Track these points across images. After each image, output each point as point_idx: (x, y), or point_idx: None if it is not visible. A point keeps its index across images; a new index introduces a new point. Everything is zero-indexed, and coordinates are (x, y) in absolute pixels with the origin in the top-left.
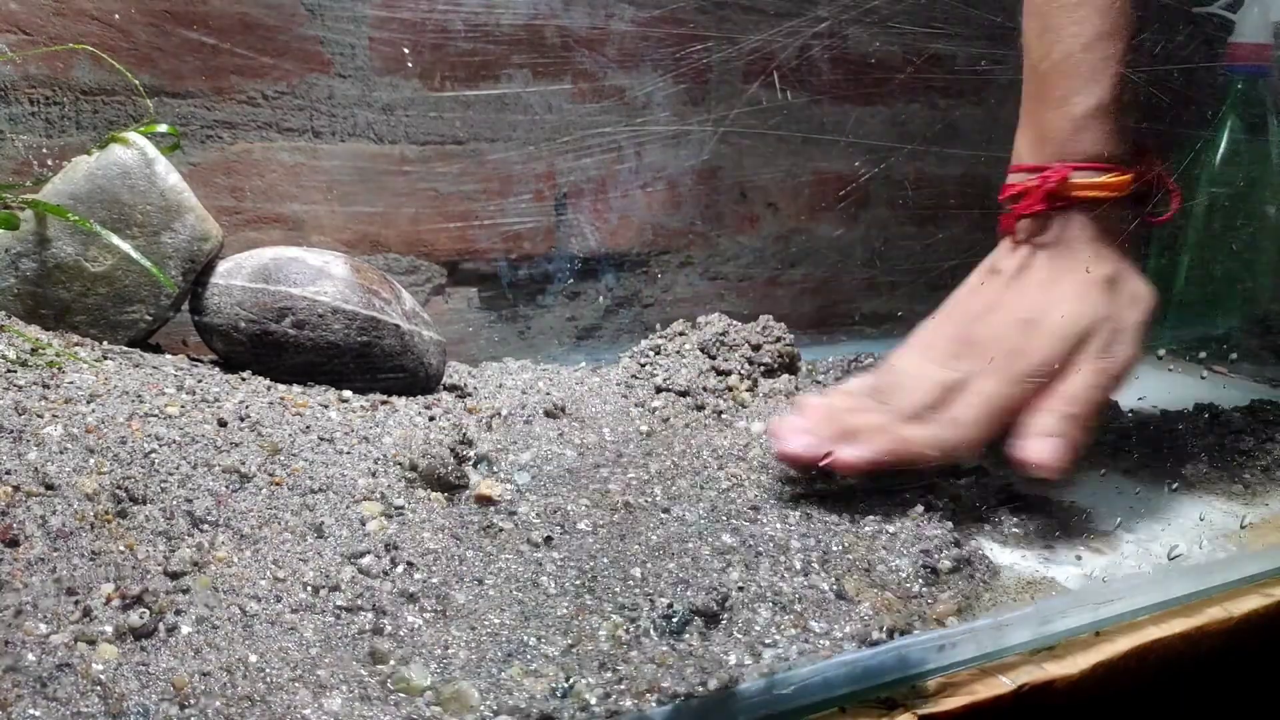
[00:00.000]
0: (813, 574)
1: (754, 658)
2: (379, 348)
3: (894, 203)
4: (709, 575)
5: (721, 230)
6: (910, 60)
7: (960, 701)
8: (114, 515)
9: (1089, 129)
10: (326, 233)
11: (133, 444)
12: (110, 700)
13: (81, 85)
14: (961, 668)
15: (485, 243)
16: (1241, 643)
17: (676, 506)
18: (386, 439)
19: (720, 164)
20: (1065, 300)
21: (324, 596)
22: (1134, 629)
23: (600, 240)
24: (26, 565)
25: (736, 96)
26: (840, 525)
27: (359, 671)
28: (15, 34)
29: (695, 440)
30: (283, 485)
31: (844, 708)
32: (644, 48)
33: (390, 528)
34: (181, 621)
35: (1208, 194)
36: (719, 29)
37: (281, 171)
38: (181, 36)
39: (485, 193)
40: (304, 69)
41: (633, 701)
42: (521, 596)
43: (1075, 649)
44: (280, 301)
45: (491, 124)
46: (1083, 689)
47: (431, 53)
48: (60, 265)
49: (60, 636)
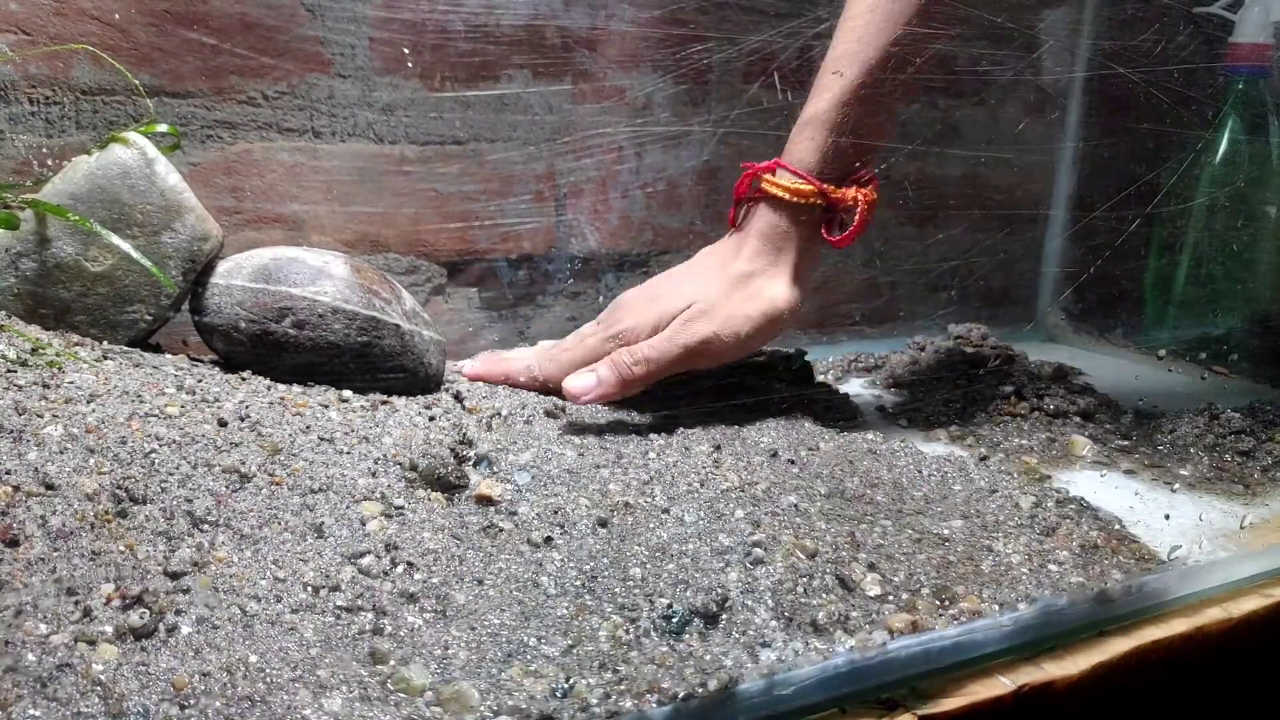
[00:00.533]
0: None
1: (753, 658)
2: (379, 348)
3: (894, 203)
4: (708, 575)
5: (721, 230)
6: (910, 60)
7: (960, 702)
8: (114, 515)
9: (799, 137)
10: (326, 233)
11: (133, 444)
12: (110, 700)
13: (81, 85)
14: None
15: (485, 243)
16: (1241, 643)
17: (676, 507)
18: (386, 439)
19: (720, 164)
20: (689, 281)
21: (324, 597)
22: (1134, 629)
23: (600, 240)
24: (26, 565)
25: (737, 97)
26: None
27: (359, 672)
28: (15, 34)
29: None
30: (283, 485)
31: (844, 708)
32: (644, 48)
33: (390, 528)
34: (181, 622)
35: (1208, 194)
36: (719, 29)
37: (281, 171)
38: (181, 36)
39: (485, 193)
40: (304, 69)
41: (633, 702)
42: (521, 597)
43: (1075, 649)
44: (280, 301)
45: (492, 124)
46: (1083, 689)
47: (432, 53)
48: (60, 265)
49: (60, 637)
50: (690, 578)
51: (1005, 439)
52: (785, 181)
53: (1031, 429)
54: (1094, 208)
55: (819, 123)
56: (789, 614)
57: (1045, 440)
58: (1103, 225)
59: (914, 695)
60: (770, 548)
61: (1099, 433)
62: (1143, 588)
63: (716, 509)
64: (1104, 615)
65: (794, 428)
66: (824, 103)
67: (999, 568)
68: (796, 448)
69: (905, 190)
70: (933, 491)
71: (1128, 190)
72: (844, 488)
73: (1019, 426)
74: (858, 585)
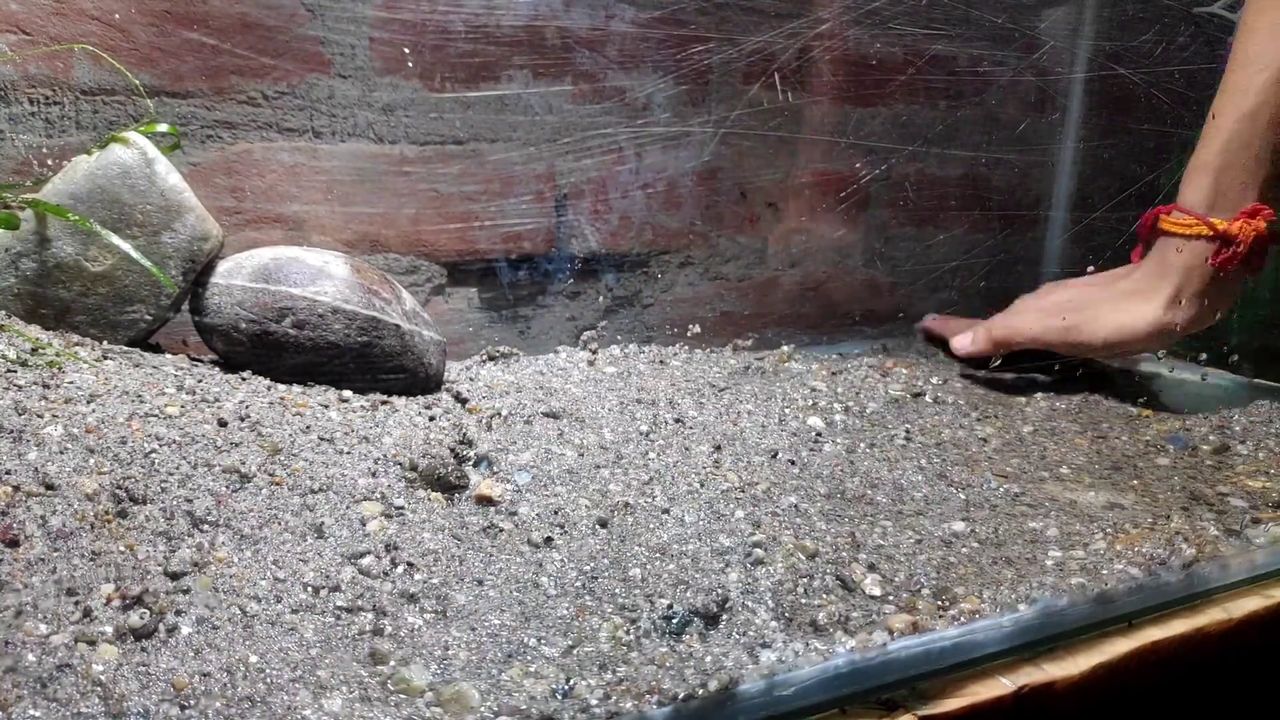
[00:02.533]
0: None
1: (753, 659)
2: (379, 348)
3: (894, 203)
4: (708, 576)
5: (721, 230)
6: (911, 61)
7: (960, 703)
8: (114, 515)
9: (1188, 182)
10: (327, 233)
11: (133, 444)
12: (110, 701)
13: (81, 85)
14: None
15: (485, 243)
16: (1241, 643)
17: (676, 507)
18: (386, 439)
19: (720, 165)
20: (1082, 289)
21: (324, 597)
22: (1134, 630)
23: (600, 240)
24: (26, 565)
25: (737, 97)
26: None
27: (359, 672)
28: (15, 34)
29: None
30: (283, 485)
31: (844, 709)
32: (644, 49)
33: (390, 528)
34: (182, 622)
35: None
36: (719, 30)
37: (282, 171)
38: (181, 36)
39: (485, 193)
40: (304, 69)
41: (633, 702)
42: (521, 597)
43: (1075, 649)
44: (280, 301)
45: (492, 124)
46: (1083, 690)
47: (432, 53)
48: (60, 265)
49: (60, 637)
50: (690, 578)
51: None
52: (1177, 219)
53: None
54: (1094, 208)
55: (1205, 168)
56: (789, 614)
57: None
58: (1103, 225)
59: (914, 696)
60: (770, 548)
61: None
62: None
63: (716, 509)
64: (1104, 615)
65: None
66: (1207, 150)
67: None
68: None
69: (905, 191)
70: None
71: (1128, 190)
72: (844, 488)
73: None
74: (858, 585)
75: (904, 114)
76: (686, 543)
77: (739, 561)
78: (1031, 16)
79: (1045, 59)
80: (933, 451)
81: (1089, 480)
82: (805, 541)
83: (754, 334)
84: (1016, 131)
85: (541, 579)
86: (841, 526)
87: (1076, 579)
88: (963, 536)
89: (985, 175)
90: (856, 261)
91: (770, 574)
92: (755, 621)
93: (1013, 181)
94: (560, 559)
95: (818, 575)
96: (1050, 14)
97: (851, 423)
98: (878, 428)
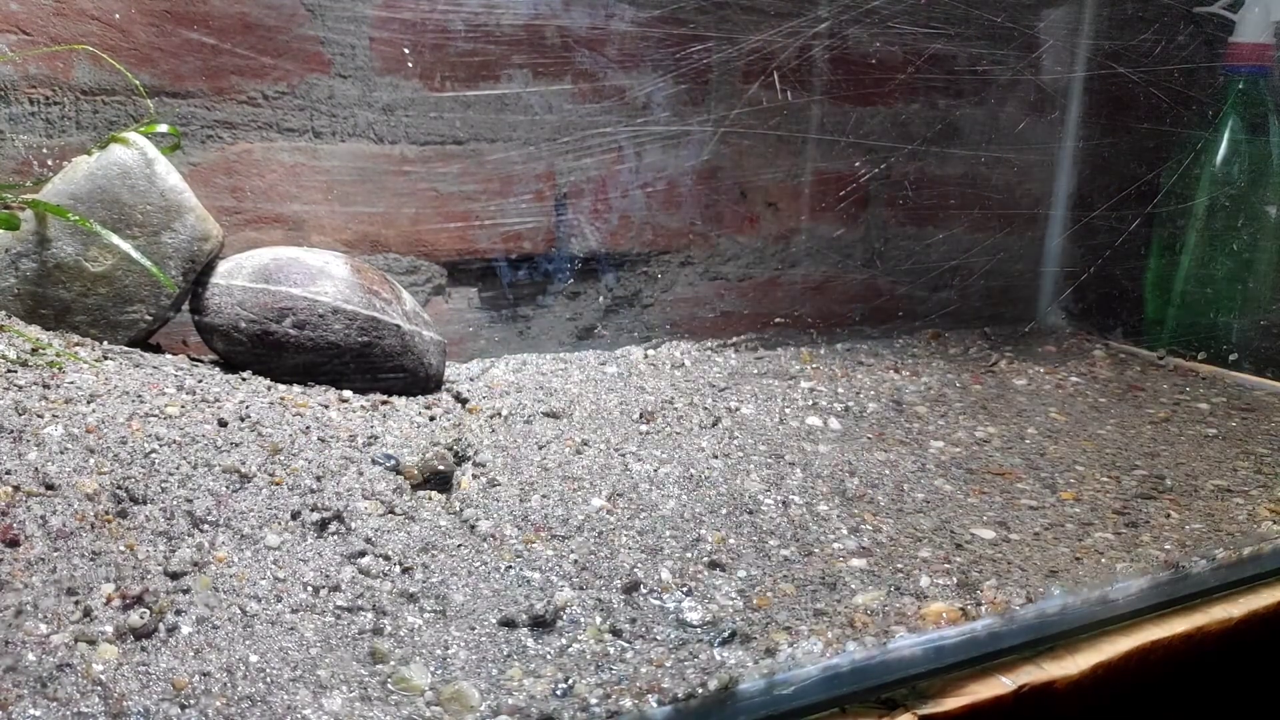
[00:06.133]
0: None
1: (753, 658)
2: (379, 348)
3: (894, 203)
4: (700, 582)
5: (721, 230)
6: (910, 61)
7: (960, 702)
8: (114, 515)
9: None
10: (327, 233)
11: (133, 444)
12: (110, 700)
13: (81, 85)
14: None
15: (485, 243)
16: (1241, 643)
17: (676, 506)
18: (387, 439)
19: (720, 164)
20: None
21: (324, 597)
22: (1134, 629)
23: (600, 240)
24: (27, 565)
25: (736, 97)
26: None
27: (359, 671)
28: (15, 34)
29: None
30: (283, 485)
31: (844, 708)
32: (644, 48)
33: (390, 528)
34: (182, 622)
35: (1208, 194)
36: (719, 29)
37: (281, 171)
38: (181, 36)
39: (485, 193)
40: (304, 69)
41: (632, 701)
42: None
43: (1076, 649)
44: (280, 302)
45: (491, 124)
46: (1083, 689)
47: (432, 53)
48: (60, 265)
49: (60, 636)
50: (684, 580)
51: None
52: None
53: None
54: (1094, 208)
55: None
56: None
57: None
58: (1103, 225)
59: (914, 695)
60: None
61: None
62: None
63: (717, 509)
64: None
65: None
66: None
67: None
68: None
69: (905, 190)
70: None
71: (1128, 190)
72: (844, 488)
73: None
74: (858, 585)
75: (903, 113)
76: (682, 541)
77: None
78: (1031, 16)
79: (1045, 58)
80: (933, 451)
81: (1092, 479)
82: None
83: (754, 334)
84: (1016, 131)
85: (535, 575)
86: (842, 525)
87: (1084, 573)
88: (962, 536)
89: (985, 175)
90: (857, 261)
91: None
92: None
93: (1012, 181)
94: (560, 558)
95: (817, 575)
96: (1050, 14)
97: (852, 423)
98: (878, 427)
